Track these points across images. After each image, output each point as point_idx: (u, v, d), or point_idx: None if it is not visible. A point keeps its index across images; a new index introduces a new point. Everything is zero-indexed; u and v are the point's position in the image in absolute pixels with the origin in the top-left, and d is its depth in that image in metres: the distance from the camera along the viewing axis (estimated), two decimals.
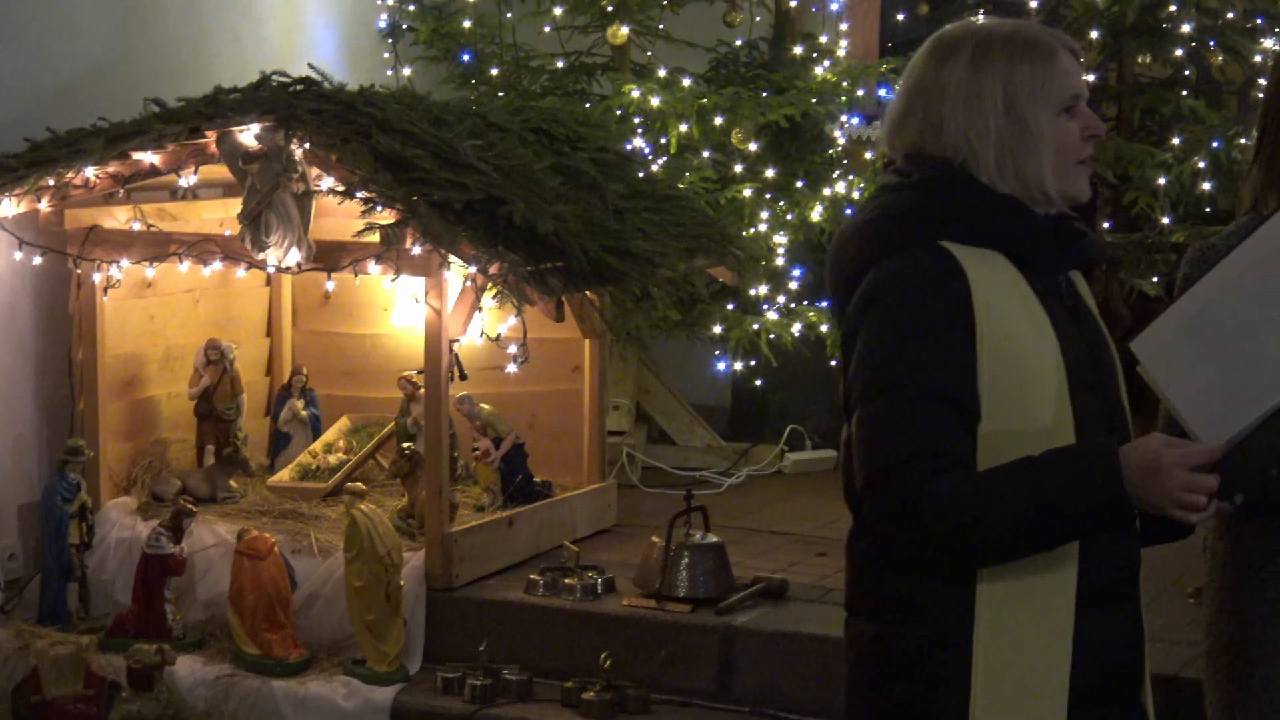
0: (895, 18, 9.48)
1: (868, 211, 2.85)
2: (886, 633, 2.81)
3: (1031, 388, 2.72)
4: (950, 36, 2.86)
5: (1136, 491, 2.61)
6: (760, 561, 6.06)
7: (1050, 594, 2.73)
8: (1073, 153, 2.81)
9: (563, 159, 5.95)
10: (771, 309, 7.46)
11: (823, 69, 7.83)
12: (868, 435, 2.73)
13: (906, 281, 2.73)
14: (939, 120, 2.80)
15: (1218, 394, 2.71)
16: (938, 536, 2.67)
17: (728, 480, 7.51)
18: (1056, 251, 2.84)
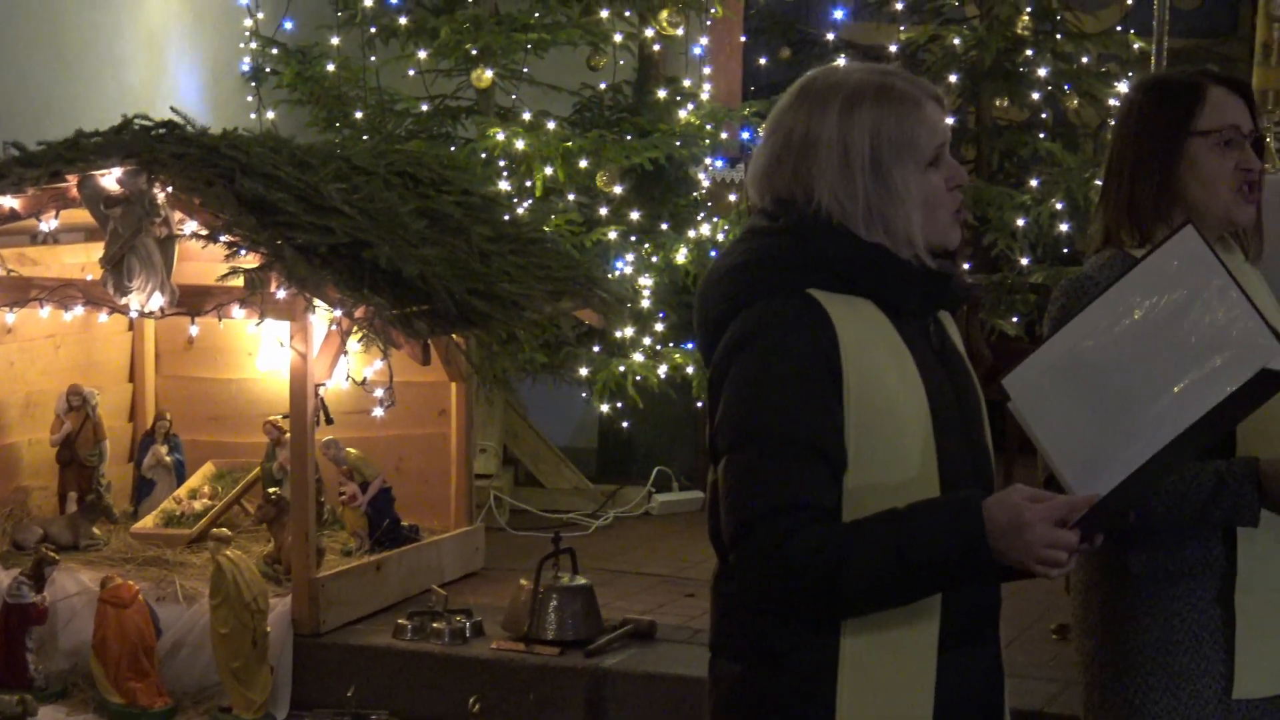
0: (757, 61, 9.57)
1: (735, 256, 2.82)
2: (750, 676, 2.80)
3: (897, 436, 2.71)
4: (818, 87, 2.81)
5: (1000, 546, 2.59)
6: (628, 603, 6.07)
7: (913, 639, 2.73)
8: (941, 207, 2.79)
9: (428, 202, 5.95)
10: (637, 351, 7.49)
11: (686, 112, 7.89)
12: (733, 486, 2.70)
13: (773, 329, 2.70)
14: (808, 176, 2.76)
15: (1087, 437, 2.71)
16: (801, 590, 2.65)
17: (595, 522, 7.51)
18: (924, 295, 2.82)
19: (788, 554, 2.63)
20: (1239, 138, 3.27)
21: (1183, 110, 3.29)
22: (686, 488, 7.97)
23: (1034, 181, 8.02)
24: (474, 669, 5.45)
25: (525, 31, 7.46)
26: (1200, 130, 3.27)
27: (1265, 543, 3.22)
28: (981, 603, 2.84)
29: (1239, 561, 3.22)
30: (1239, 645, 3.23)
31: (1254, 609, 3.23)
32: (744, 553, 2.69)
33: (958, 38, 8.43)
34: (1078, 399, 2.76)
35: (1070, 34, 8.71)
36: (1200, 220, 3.22)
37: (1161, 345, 2.76)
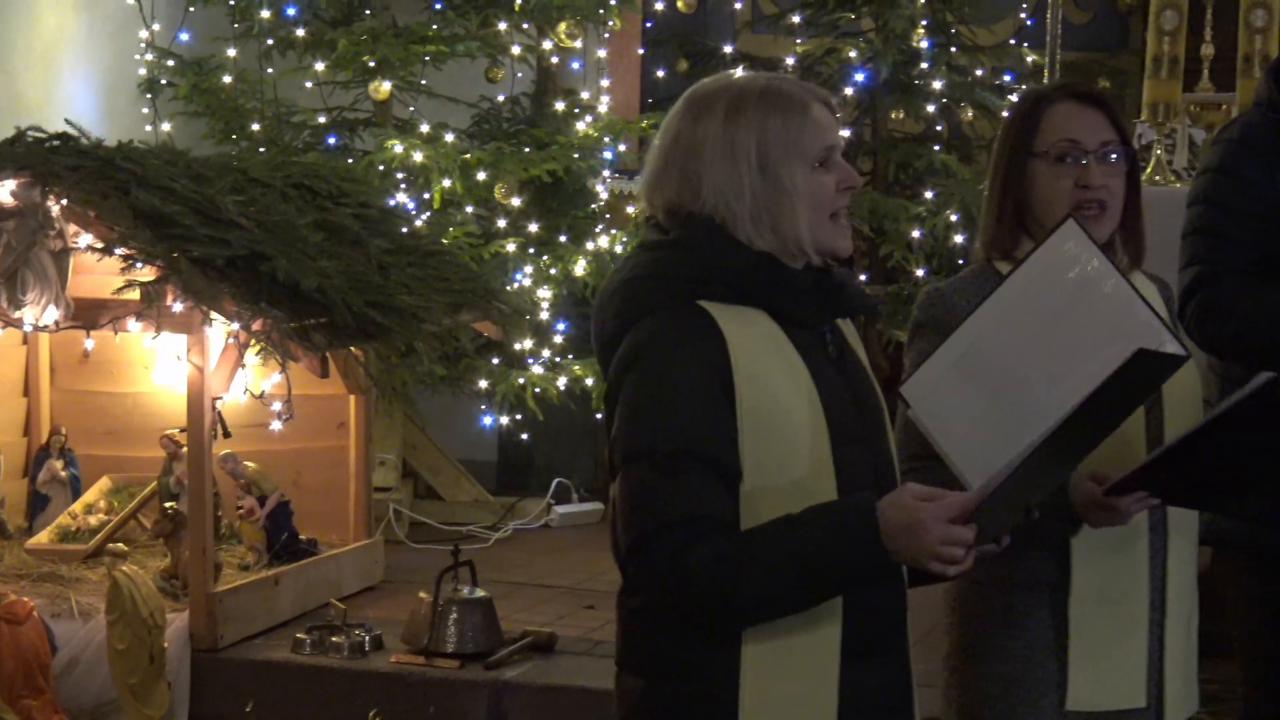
0: (655, 74, 9.61)
1: (627, 270, 2.82)
2: (654, 689, 2.80)
3: (792, 445, 2.71)
4: (705, 92, 2.83)
5: (895, 546, 2.61)
6: (528, 615, 6.06)
7: (815, 648, 2.74)
8: (827, 206, 2.79)
9: (326, 215, 5.93)
10: (536, 363, 7.50)
11: (584, 124, 7.91)
12: (628, 502, 2.71)
13: (664, 343, 2.71)
14: (696, 178, 2.77)
15: (985, 435, 2.75)
16: (698, 602, 2.66)
17: (495, 535, 7.51)
18: (818, 305, 2.83)
19: (684, 567, 2.63)
20: (1076, 152, 3.28)
21: (1024, 129, 3.32)
22: (586, 499, 7.99)
23: (929, 193, 8.10)
24: (373, 683, 5.43)
25: (423, 44, 7.46)
26: (1036, 150, 3.29)
27: (1103, 555, 3.24)
28: (884, 611, 2.85)
29: (1073, 573, 3.24)
30: (1072, 657, 3.26)
31: (1087, 620, 3.25)
32: (640, 568, 2.70)
33: (854, 50, 8.50)
34: (974, 399, 2.80)
35: (965, 47, 8.81)
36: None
37: (1050, 339, 2.80)
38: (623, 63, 8.91)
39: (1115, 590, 3.28)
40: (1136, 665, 3.30)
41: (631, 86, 9.20)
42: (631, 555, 2.70)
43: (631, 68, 9.17)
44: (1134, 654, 3.30)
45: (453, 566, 5.59)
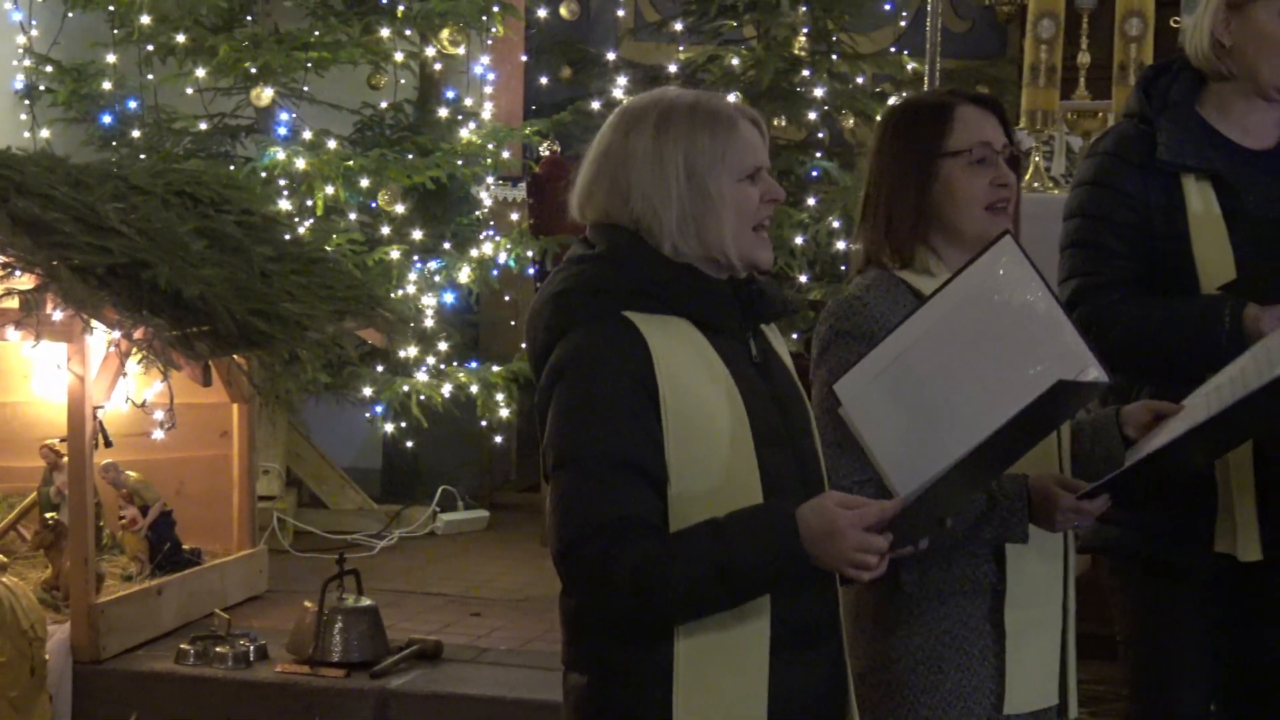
0: (539, 81, 9.62)
1: (555, 284, 2.89)
2: (593, 687, 2.87)
3: (717, 448, 2.79)
4: (636, 107, 2.92)
5: (814, 551, 2.68)
6: (414, 623, 6.05)
7: (744, 643, 2.81)
8: (750, 217, 2.88)
9: (208, 222, 5.89)
10: (421, 370, 7.48)
11: (468, 131, 7.90)
12: (556, 507, 2.78)
13: (589, 354, 2.79)
14: (625, 187, 2.86)
15: (911, 443, 2.81)
16: (624, 603, 2.74)
17: (380, 543, 7.49)
18: (739, 312, 2.92)
19: (610, 570, 2.71)
20: (991, 154, 3.33)
21: (933, 132, 3.33)
22: (471, 507, 7.99)
23: (811, 200, 8.16)
24: (259, 693, 5.39)
25: (305, 50, 7.42)
26: (951, 151, 3.32)
27: (1033, 560, 3.29)
28: (816, 606, 2.92)
29: (1008, 579, 3.28)
30: (1009, 661, 3.29)
31: (1022, 625, 3.29)
32: (569, 571, 2.79)
33: (736, 58, 8.55)
34: (903, 406, 2.85)
35: (846, 55, 8.88)
36: (957, 240, 3.32)
37: (980, 356, 2.85)
38: (506, 69, 8.91)
39: (1041, 594, 3.34)
40: (1052, 664, 3.37)
41: (515, 93, 9.20)
42: (561, 558, 2.78)
43: (515, 74, 9.18)
44: (1050, 654, 3.37)
45: (338, 575, 5.56)
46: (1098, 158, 3.90)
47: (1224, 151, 3.79)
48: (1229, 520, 3.67)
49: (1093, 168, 3.89)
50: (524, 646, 5.83)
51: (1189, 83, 3.88)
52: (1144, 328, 3.68)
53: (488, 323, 8.72)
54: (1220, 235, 3.71)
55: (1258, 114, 3.83)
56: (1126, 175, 3.80)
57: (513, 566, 7.15)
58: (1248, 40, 3.76)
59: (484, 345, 8.59)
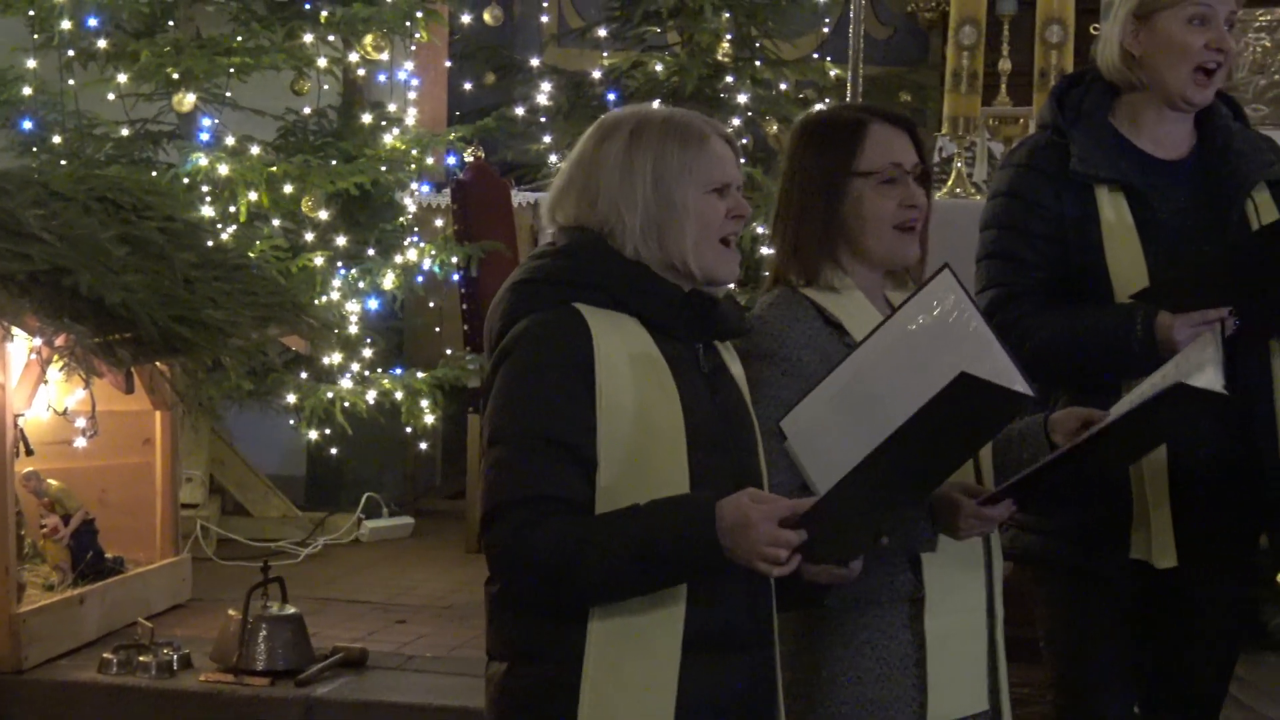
0: (463, 86, 9.61)
1: (514, 276, 3.00)
2: (510, 674, 2.93)
3: (649, 446, 2.86)
4: (613, 118, 3.03)
5: (728, 544, 2.73)
6: (339, 631, 6.03)
7: (656, 637, 2.85)
8: (715, 229, 2.97)
9: (130, 228, 5.85)
10: (345, 377, 7.46)
11: (392, 137, 7.88)
12: (487, 479, 2.87)
13: (535, 338, 2.89)
14: (594, 192, 2.96)
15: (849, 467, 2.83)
16: (539, 577, 2.81)
17: (305, 550, 7.46)
18: (688, 320, 2.98)
19: (528, 542, 2.79)
20: (901, 174, 3.34)
21: (844, 151, 3.34)
22: (396, 514, 7.97)
23: None
24: (183, 702, 5.36)
25: (228, 55, 7.38)
26: (862, 171, 3.33)
27: (952, 568, 3.31)
28: (739, 611, 2.96)
29: (926, 588, 3.29)
30: (930, 670, 3.30)
31: (942, 634, 3.30)
32: (489, 541, 2.86)
33: (660, 64, 8.57)
34: (849, 438, 2.89)
35: (769, 61, 8.92)
36: (863, 259, 3.35)
37: (920, 381, 2.87)
38: (430, 75, 8.90)
39: (962, 601, 3.35)
40: (979, 671, 3.38)
41: (439, 99, 9.19)
42: (483, 529, 2.87)
43: (439, 80, 9.17)
44: (977, 660, 3.38)
45: (262, 583, 5.54)
46: (1012, 169, 3.93)
47: (1136, 162, 3.82)
48: (1144, 527, 3.71)
49: (1007, 179, 3.92)
50: (450, 653, 5.82)
51: (1101, 94, 3.91)
52: (1059, 337, 3.70)
53: (412, 329, 8.70)
54: (1133, 245, 3.74)
55: (1168, 124, 3.87)
56: (1040, 186, 3.83)
57: (438, 573, 7.14)
58: (1155, 50, 3.80)
59: (409, 352, 8.57)
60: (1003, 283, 3.82)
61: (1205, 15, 3.77)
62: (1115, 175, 3.78)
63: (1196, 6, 3.76)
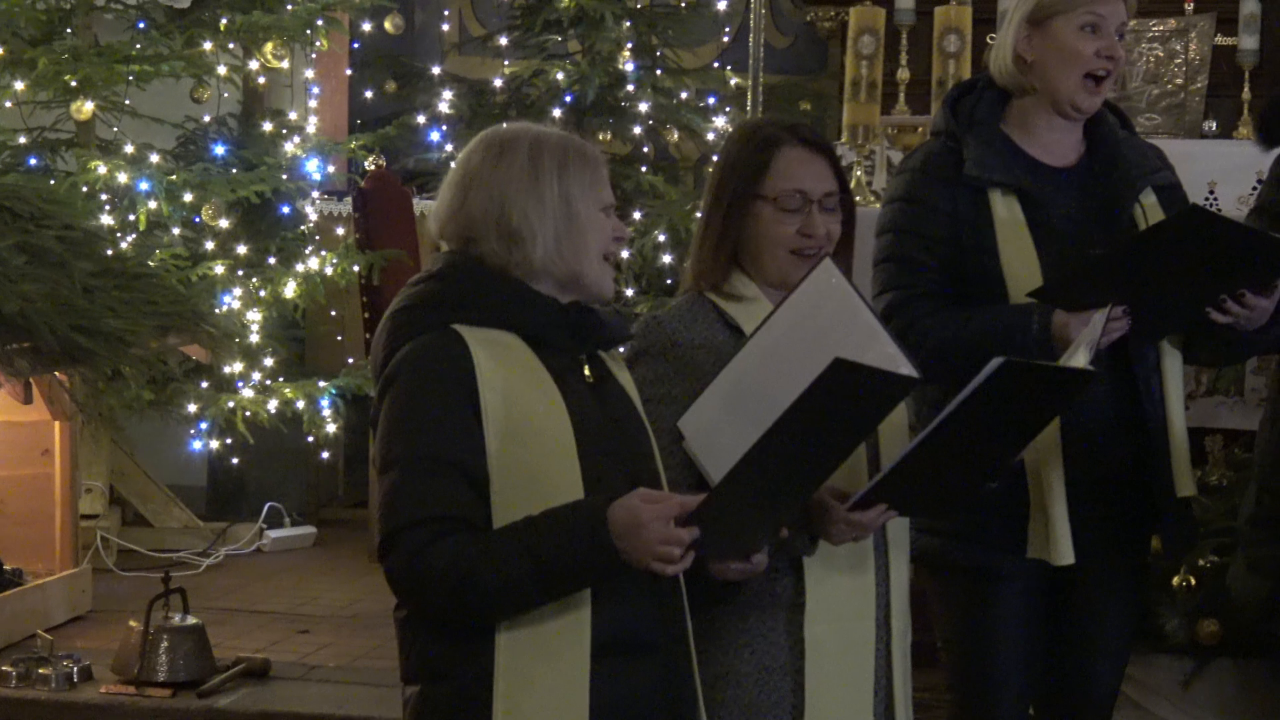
0: (364, 95, 9.58)
1: (394, 305, 3.02)
2: (423, 695, 2.93)
3: (541, 458, 2.88)
4: (506, 134, 3.05)
5: (623, 546, 2.75)
6: (242, 642, 6.01)
7: (564, 645, 2.86)
8: (604, 245, 3.03)
9: (28, 237, 5.80)
10: (246, 386, 7.42)
11: (292, 145, 7.85)
12: (381, 505, 2.88)
13: (416, 363, 2.91)
14: (502, 202, 2.98)
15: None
16: (441, 596, 2.82)
17: (206, 560, 7.42)
18: (568, 331, 3.01)
19: (426, 562, 2.81)
20: (803, 204, 3.36)
21: (751, 171, 3.38)
22: (298, 523, 7.94)
23: (637, 214, 8.20)
24: (84, 714, 5.33)
25: (126, 63, 7.32)
26: (763, 194, 3.36)
27: (836, 574, 3.32)
28: (646, 615, 2.96)
29: (807, 593, 3.30)
30: (808, 676, 3.31)
31: (822, 639, 3.31)
32: (389, 565, 2.87)
33: (561, 72, 8.58)
34: (743, 434, 2.89)
35: (670, 70, 8.94)
36: (760, 276, 3.38)
37: (808, 373, 2.89)
38: (330, 83, 8.87)
39: (847, 608, 3.35)
40: (866, 682, 3.37)
41: (340, 107, 9.16)
42: (381, 556, 2.88)
43: (340, 88, 9.14)
44: (864, 671, 3.37)
45: (163, 594, 5.51)
46: (907, 174, 3.98)
47: (1028, 167, 3.87)
48: (1042, 526, 3.75)
49: (903, 184, 3.97)
50: (353, 663, 5.81)
51: (993, 101, 3.96)
52: (956, 337, 3.74)
53: (314, 338, 8.67)
54: (1027, 248, 3.79)
55: (1058, 131, 3.93)
56: (935, 191, 3.88)
57: (341, 583, 7.12)
58: (1048, 55, 3.86)
59: (310, 361, 8.53)
60: (899, 286, 3.86)
61: (1097, 23, 3.84)
62: (1008, 179, 3.83)
63: (1089, 14, 3.83)
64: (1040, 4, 3.87)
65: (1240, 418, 5.45)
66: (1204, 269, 3.59)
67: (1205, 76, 7.32)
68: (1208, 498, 5.18)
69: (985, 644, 3.90)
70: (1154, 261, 3.59)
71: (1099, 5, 3.84)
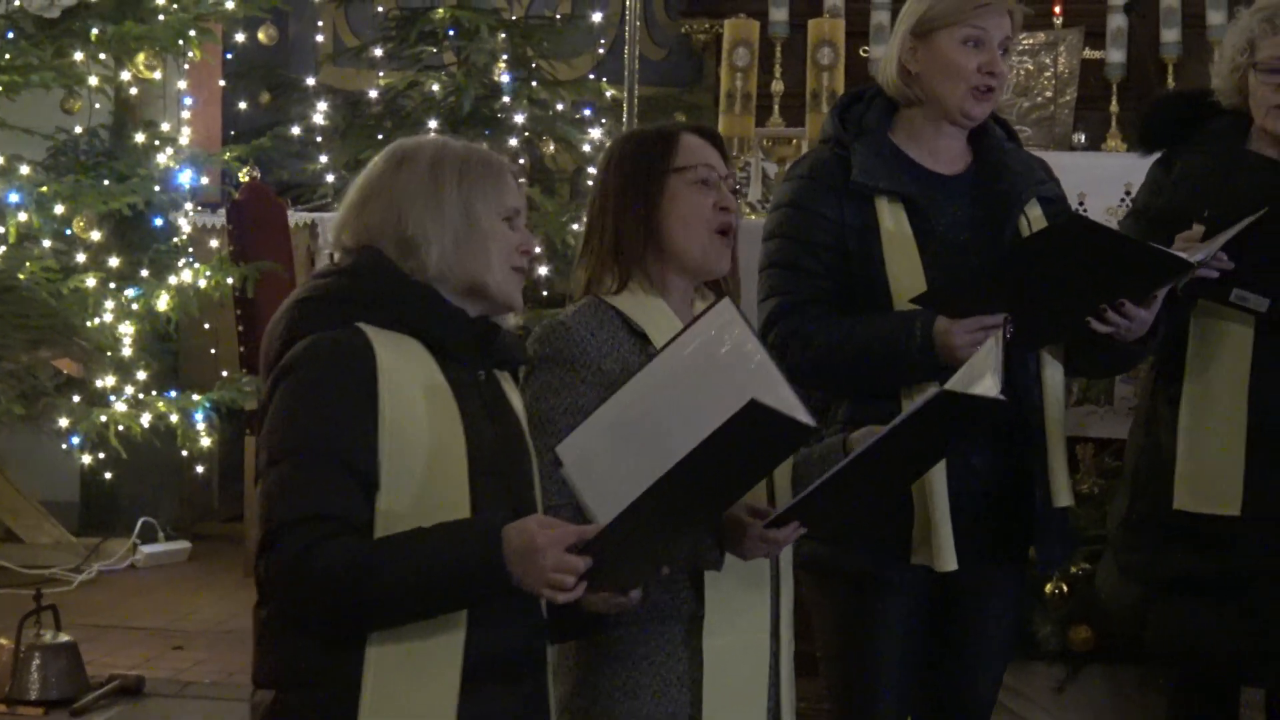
0: (237, 106, 9.53)
1: (295, 294, 2.97)
2: (280, 700, 2.86)
3: (431, 468, 2.84)
4: (410, 145, 3.04)
5: (515, 570, 2.72)
6: (115, 659, 5.96)
7: (436, 665, 2.82)
8: (509, 256, 3.01)
9: None
10: (119, 400, 7.34)
11: (165, 156, 7.78)
12: (265, 498, 2.82)
13: (317, 355, 2.86)
14: (398, 214, 2.95)
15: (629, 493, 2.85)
16: (323, 598, 2.76)
17: (79, 577, 7.35)
18: (470, 345, 2.99)
19: (312, 561, 2.74)
20: (714, 177, 3.40)
21: (660, 151, 3.40)
22: (172, 538, 7.88)
23: None
24: None
25: None
26: (677, 167, 3.38)
27: (734, 587, 3.32)
28: (517, 639, 2.95)
29: (706, 606, 3.30)
30: (706, 688, 3.31)
31: (721, 652, 3.32)
32: (270, 561, 2.79)
33: (437, 84, 8.57)
34: (625, 466, 2.90)
35: (545, 82, 8.97)
36: (678, 264, 3.38)
37: (699, 411, 2.90)
38: (204, 94, 8.80)
39: (744, 620, 3.36)
40: (761, 692, 3.39)
41: (213, 119, 9.10)
42: (263, 551, 2.80)
43: (213, 99, 9.08)
44: (758, 681, 3.38)
45: (34, 611, 5.45)
46: (794, 181, 3.99)
47: (915, 176, 3.91)
48: (926, 532, 3.79)
49: (790, 191, 3.99)
50: (228, 679, 5.78)
51: (882, 110, 3.99)
52: (840, 344, 3.77)
53: (187, 351, 8.59)
54: (912, 256, 3.82)
55: (946, 140, 3.97)
56: (822, 198, 3.90)
57: (216, 598, 7.07)
58: (933, 67, 3.89)
59: (184, 374, 8.45)
60: (784, 291, 3.87)
61: (980, 38, 3.87)
62: (895, 187, 3.86)
63: (972, 29, 3.87)
64: (924, 17, 3.91)
65: (1110, 426, 5.53)
66: (1084, 278, 3.63)
67: (1074, 89, 7.43)
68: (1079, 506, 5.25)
69: (866, 652, 3.92)
70: (1035, 270, 3.64)
71: (982, 20, 3.88)
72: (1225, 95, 4.24)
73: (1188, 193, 4.15)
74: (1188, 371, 4.15)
